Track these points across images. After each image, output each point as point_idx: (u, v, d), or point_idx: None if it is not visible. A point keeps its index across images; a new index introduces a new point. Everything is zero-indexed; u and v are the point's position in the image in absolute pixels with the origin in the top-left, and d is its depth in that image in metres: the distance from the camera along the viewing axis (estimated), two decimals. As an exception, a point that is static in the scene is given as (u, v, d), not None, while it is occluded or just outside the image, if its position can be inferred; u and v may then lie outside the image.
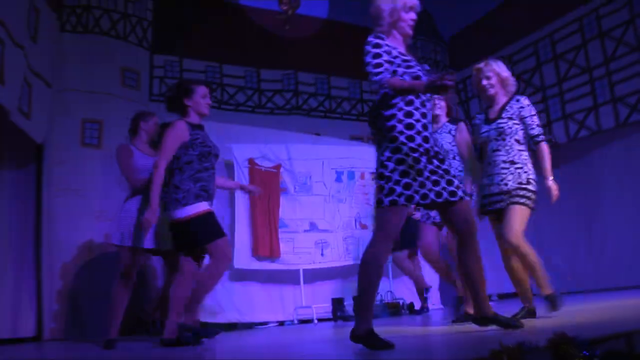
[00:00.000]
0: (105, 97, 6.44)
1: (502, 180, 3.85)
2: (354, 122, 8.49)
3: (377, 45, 3.01)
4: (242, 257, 6.28)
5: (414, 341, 3.18)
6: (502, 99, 4.02)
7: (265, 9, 7.78)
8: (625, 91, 6.94)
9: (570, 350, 1.84)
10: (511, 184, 3.81)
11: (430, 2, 9.11)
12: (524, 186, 3.80)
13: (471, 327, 3.46)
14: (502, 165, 3.87)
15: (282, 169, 6.64)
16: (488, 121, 3.99)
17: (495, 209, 3.88)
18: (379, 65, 2.96)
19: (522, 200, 3.78)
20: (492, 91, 4.02)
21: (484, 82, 4.04)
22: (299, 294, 6.48)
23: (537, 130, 3.94)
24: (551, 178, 3.92)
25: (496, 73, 4.03)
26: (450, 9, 8.92)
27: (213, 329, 4.43)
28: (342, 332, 4.26)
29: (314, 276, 6.71)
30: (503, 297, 8.66)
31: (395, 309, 6.45)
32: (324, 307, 6.42)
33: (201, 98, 4.33)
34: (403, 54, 3.09)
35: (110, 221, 5.38)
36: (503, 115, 3.93)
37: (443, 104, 4.85)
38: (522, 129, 3.93)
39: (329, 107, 8.42)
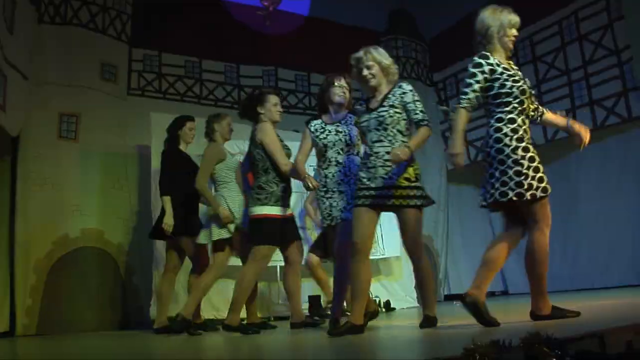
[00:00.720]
0: (83, 90, 6.37)
1: (386, 174, 3.51)
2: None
3: (478, 65, 3.38)
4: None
5: (388, 339, 3.18)
6: (384, 88, 3.72)
7: (246, 5, 7.74)
8: (602, 94, 7.01)
9: (543, 350, 1.85)
10: (397, 179, 3.49)
11: (412, 3, 9.20)
12: (413, 184, 3.52)
13: (444, 325, 3.48)
14: (386, 157, 3.51)
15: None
16: (369, 111, 3.68)
17: (374, 204, 3.49)
18: (470, 85, 3.38)
19: (418, 202, 3.51)
20: (373, 81, 3.71)
21: (365, 72, 3.71)
22: (275, 291, 6.46)
23: (421, 115, 3.59)
24: (409, 148, 3.43)
25: (377, 62, 3.74)
26: (432, 10, 8.95)
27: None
28: (318, 331, 4.25)
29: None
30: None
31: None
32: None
33: (273, 106, 4.69)
34: (507, 70, 3.37)
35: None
36: (384, 103, 3.62)
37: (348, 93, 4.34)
38: (404, 119, 3.60)
39: (308, 104, 8.40)
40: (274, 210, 4.39)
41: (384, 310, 6.68)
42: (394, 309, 6.70)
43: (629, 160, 6.85)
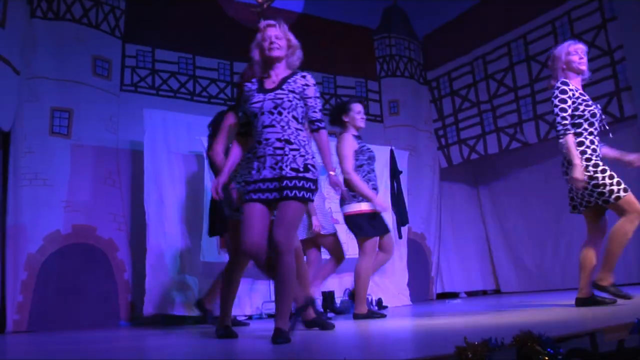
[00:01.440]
0: (76, 86, 6.34)
1: (276, 164, 3.20)
2: (327, 116, 8.46)
3: (563, 92, 4.00)
4: (211, 250, 6.23)
5: (380, 337, 3.18)
6: (283, 71, 3.41)
7: (240, 2, 7.72)
8: (596, 94, 7.02)
9: (535, 348, 1.85)
10: (286, 170, 3.17)
11: (405, 1, 9.20)
12: (302, 174, 3.17)
13: (437, 323, 3.48)
14: (277, 144, 3.21)
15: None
16: (263, 90, 3.33)
17: (263, 199, 3.19)
18: (564, 110, 3.96)
19: (300, 194, 3.15)
20: (277, 52, 3.37)
21: (273, 40, 3.39)
22: (266, 288, 6.45)
23: (319, 115, 3.39)
24: (333, 173, 3.44)
25: (287, 38, 3.45)
26: (425, 8, 8.96)
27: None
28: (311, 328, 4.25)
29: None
30: (471, 294, 8.76)
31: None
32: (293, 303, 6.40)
33: (356, 114, 5.08)
34: (583, 94, 3.90)
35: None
36: (284, 87, 3.31)
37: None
38: (302, 107, 3.33)
39: (302, 101, 8.39)
40: (364, 206, 4.86)
41: (376, 307, 6.68)
42: (386, 307, 6.71)
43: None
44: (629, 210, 3.83)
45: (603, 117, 4.12)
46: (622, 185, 3.90)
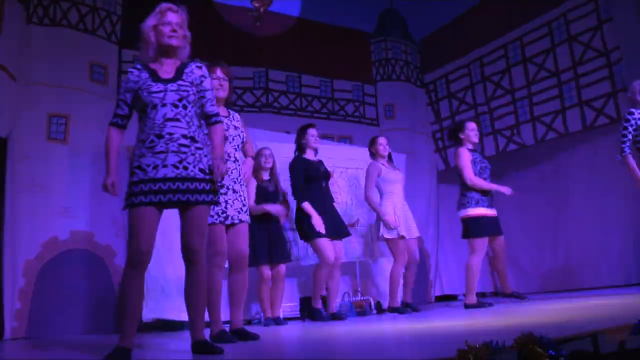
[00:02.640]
0: (72, 92, 6.32)
1: (180, 162, 2.94)
2: (324, 120, 8.48)
3: (627, 120, 5.12)
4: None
5: (381, 340, 3.18)
6: (175, 61, 3.21)
7: (236, 6, 7.73)
8: (592, 95, 7.06)
9: (536, 350, 1.85)
10: (194, 170, 2.97)
11: (402, 4, 9.21)
12: (208, 177, 3.02)
13: (437, 325, 3.47)
14: (182, 141, 2.96)
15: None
16: (161, 80, 3.06)
17: (158, 201, 2.93)
18: (624, 135, 5.12)
19: (209, 198, 3.03)
20: (176, 41, 3.18)
21: (174, 27, 3.20)
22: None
23: (216, 109, 3.22)
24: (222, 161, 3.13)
25: (184, 28, 3.28)
26: (422, 11, 8.97)
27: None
28: (310, 332, 4.24)
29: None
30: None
31: (362, 309, 6.44)
32: (291, 306, 6.40)
33: (471, 131, 6.00)
34: None
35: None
36: (184, 77, 3.10)
37: (226, 84, 4.17)
38: (200, 101, 3.16)
39: (299, 105, 8.40)
40: (477, 211, 5.74)
41: (375, 311, 6.67)
42: (385, 310, 6.70)
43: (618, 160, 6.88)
44: None
45: None
46: None
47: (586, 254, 7.20)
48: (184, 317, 3.39)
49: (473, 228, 5.74)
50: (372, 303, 6.78)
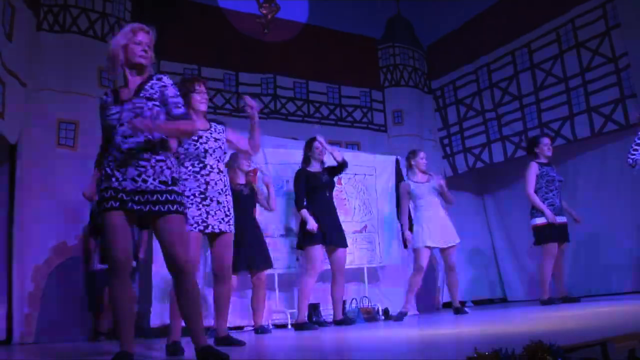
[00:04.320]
0: (82, 98, 6.34)
1: (139, 176, 2.96)
2: (332, 127, 8.49)
3: None
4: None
5: (389, 347, 3.17)
6: (137, 79, 3.20)
7: (244, 13, 7.76)
8: (600, 101, 7.04)
9: (546, 358, 1.85)
10: (154, 183, 2.97)
11: (409, 10, 9.23)
12: (170, 187, 3.00)
13: (446, 333, 3.46)
14: (141, 154, 2.99)
15: (259, 174, 6.60)
16: (120, 102, 3.10)
17: (127, 208, 2.93)
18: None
19: (181, 208, 3.04)
20: (145, 61, 3.20)
21: (145, 48, 3.21)
22: (273, 298, 6.44)
23: (182, 110, 3.16)
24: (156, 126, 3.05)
25: (152, 48, 3.27)
26: (429, 17, 8.99)
27: None
28: (317, 338, 4.24)
29: (289, 281, 6.67)
30: (478, 303, 8.72)
31: (370, 315, 6.43)
32: (292, 313, 6.38)
33: (544, 146, 6.40)
34: None
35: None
36: (141, 94, 3.10)
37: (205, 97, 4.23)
38: (164, 113, 3.12)
39: (307, 111, 8.42)
40: (540, 220, 6.20)
41: (383, 317, 6.66)
42: (393, 316, 6.68)
43: (627, 167, 6.85)
44: None
45: None
46: None
47: (595, 261, 7.17)
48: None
49: (540, 236, 6.26)
50: (380, 309, 6.76)
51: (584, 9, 7.27)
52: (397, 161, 7.57)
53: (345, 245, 5.93)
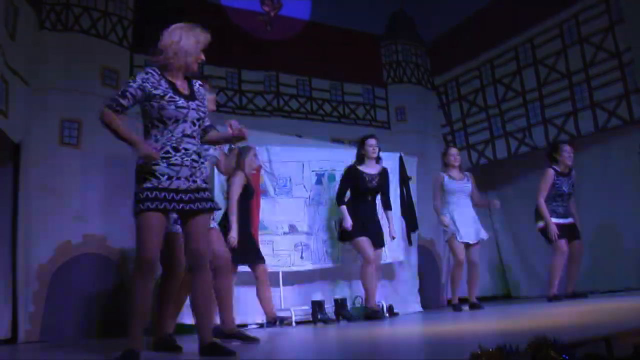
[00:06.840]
0: (85, 97, 6.33)
1: (191, 176, 3.11)
2: (335, 124, 8.49)
3: None
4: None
5: (394, 344, 3.17)
6: (179, 77, 3.31)
7: (247, 10, 7.75)
8: (604, 96, 7.01)
9: (550, 354, 1.84)
10: (200, 183, 3.15)
11: (411, 5, 9.21)
12: (206, 186, 3.22)
13: (450, 329, 3.46)
14: (194, 157, 3.15)
15: (262, 171, 6.60)
16: (184, 96, 3.21)
17: (169, 208, 3.05)
18: None
19: (213, 205, 3.22)
20: (197, 68, 3.44)
21: (199, 60, 3.42)
22: (278, 296, 6.44)
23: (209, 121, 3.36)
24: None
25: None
26: (432, 13, 8.96)
27: None
28: (324, 335, 4.25)
29: (294, 279, 6.68)
30: (481, 299, 8.70)
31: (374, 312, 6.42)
32: (304, 310, 6.39)
33: (565, 152, 6.47)
34: None
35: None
36: (198, 97, 3.28)
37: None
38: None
39: (310, 109, 8.41)
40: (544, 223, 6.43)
41: (387, 314, 6.65)
42: (397, 313, 6.68)
43: (630, 162, 6.84)
44: None
45: None
46: None
47: (599, 257, 7.15)
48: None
49: (547, 236, 6.47)
50: (385, 306, 6.76)
51: (587, 3, 7.24)
52: (400, 157, 7.56)
53: (382, 245, 6.42)
